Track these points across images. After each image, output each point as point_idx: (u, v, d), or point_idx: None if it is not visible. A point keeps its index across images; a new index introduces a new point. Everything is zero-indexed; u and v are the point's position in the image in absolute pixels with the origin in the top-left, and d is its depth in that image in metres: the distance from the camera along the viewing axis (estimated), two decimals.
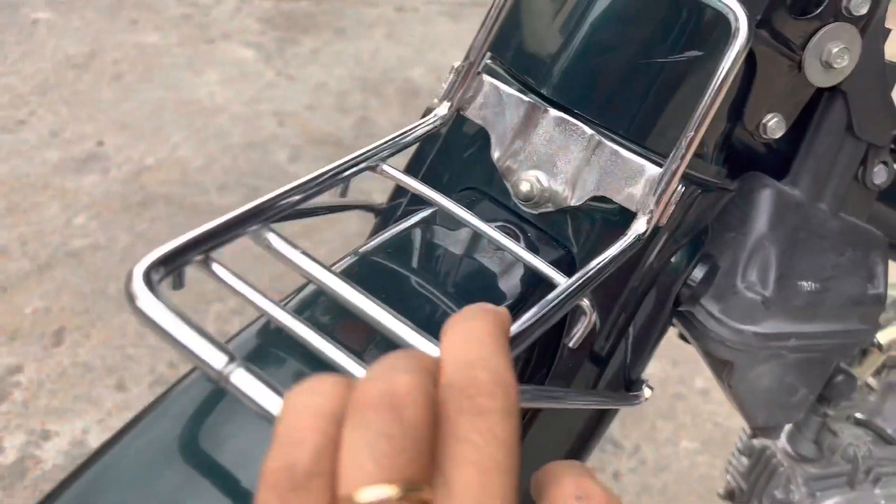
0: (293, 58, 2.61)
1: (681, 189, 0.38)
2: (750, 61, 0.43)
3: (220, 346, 0.23)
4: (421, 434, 0.19)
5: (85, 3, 2.81)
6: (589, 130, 0.40)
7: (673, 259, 0.45)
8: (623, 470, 1.30)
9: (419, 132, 0.40)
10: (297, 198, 0.31)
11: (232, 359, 0.23)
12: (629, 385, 0.49)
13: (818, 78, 0.44)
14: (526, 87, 0.42)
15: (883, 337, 0.61)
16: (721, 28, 0.37)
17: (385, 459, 0.19)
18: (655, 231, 0.41)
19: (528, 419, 0.48)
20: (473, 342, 0.23)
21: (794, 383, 0.53)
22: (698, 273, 0.46)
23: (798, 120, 0.49)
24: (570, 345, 0.35)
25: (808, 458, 0.66)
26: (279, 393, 0.23)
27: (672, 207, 0.38)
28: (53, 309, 1.50)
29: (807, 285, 0.50)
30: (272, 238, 0.30)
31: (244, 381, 0.23)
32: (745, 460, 0.74)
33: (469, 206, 0.43)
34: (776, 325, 0.49)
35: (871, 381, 0.67)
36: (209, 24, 2.82)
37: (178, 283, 0.28)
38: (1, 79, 2.26)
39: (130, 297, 0.24)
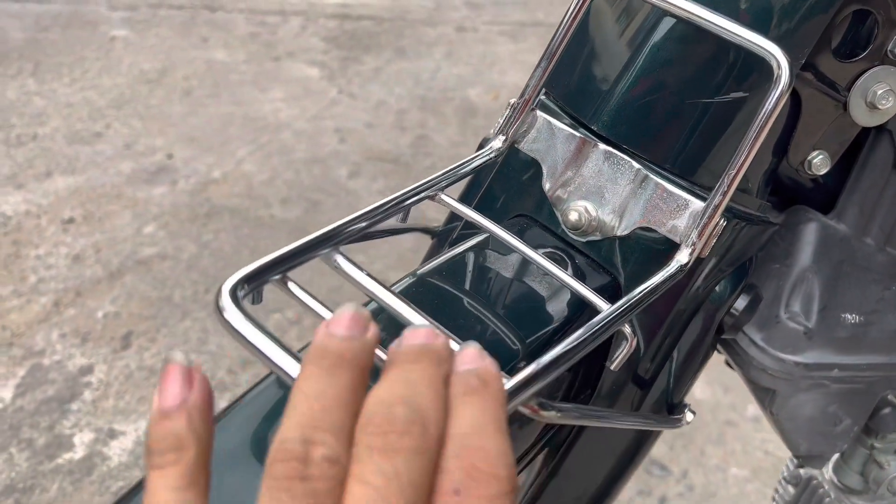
0: (355, 76, 2.69)
1: (723, 223, 0.40)
2: (795, 101, 0.45)
3: (294, 356, 0.27)
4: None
5: (160, 21, 2.94)
6: (636, 164, 0.42)
7: (717, 288, 0.47)
8: (670, 495, 1.29)
9: (475, 164, 0.43)
10: (363, 224, 0.34)
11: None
12: (671, 408, 0.51)
13: (863, 118, 0.45)
14: (577, 123, 0.45)
15: None
16: (765, 71, 0.39)
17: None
18: (699, 261, 0.43)
19: (572, 437, 0.50)
20: (400, 382, 0.25)
21: (838, 413, 0.54)
22: (741, 303, 0.47)
23: (844, 156, 0.51)
24: (612, 367, 0.37)
25: (854, 489, 0.67)
26: None
27: (714, 240, 0.40)
28: (123, 314, 1.57)
29: (851, 317, 0.51)
30: (340, 260, 0.33)
31: None
32: (791, 489, 0.74)
33: (520, 233, 0.46)
34: (818, 355, 0.51)
35: None
36: (276, 42, 2.92)
37: (258, 299, 0.31)
38: (81, 93, 2.38)
39: (219, 310, 0.28)
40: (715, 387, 1.49)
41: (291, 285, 0.31)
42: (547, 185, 0.45)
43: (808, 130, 0.46)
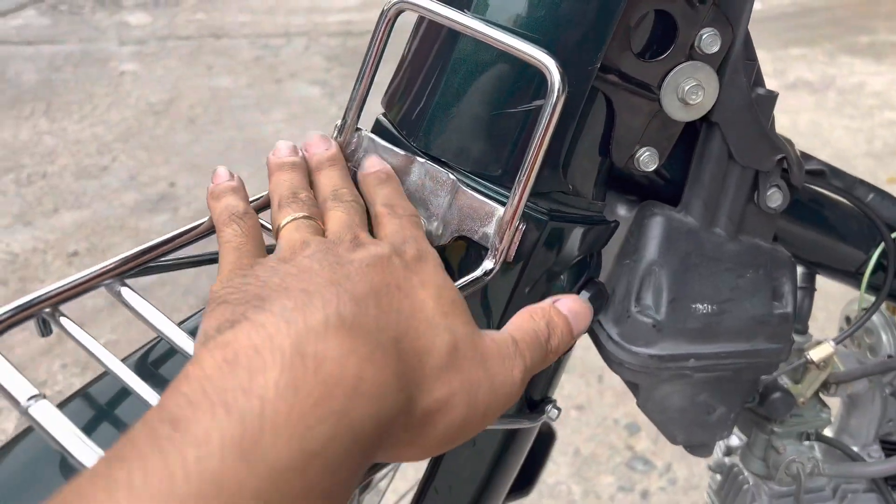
0: None
1: (522, 227, 0.42)
2: (608, 104, 0.46)
3: (30, 384, 0.29)
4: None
5: (167, 53, 3.03)
6: (450, 175, 0.44)
7: (554, 287, 0.48)
8: (652, 489, 1.29)
9: None
10: (151, 255, 0.37)
11: (38, 395, 0.29)
12: (532, 405, 0.52)
13: (678, 114, 0.47)
14: (404, 139, 0.47)
15: (815, 354, 0.61)
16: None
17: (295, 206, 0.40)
18: (523, 263, 0.45)
19: None
20: (332, 178, 0.44)
21: (709, 402, 0.55)
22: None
23: (685, 149, 0.52)
24: None
25: (760, 475, 0.67)
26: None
27: (515, 244, 0.42)
28: (121, 341, 1.63)
29: (702, 307, 0.52)
30: (126, 292, 0.36)
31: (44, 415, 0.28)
32: (718, 477, 0.75)
33: None
34: (671, 346, 0.52)
35: (824, 397, 0.67)
36: (278, 64, 2.99)
37: (46, 332, 0.34)
38: (90, 129, 2.47)
39: None
40: None
41: (64, 320, 0.34)
42: None
43: (627, 130, 0.47)
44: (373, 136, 0.47)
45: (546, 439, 0.70)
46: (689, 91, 0.46)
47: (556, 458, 1.33)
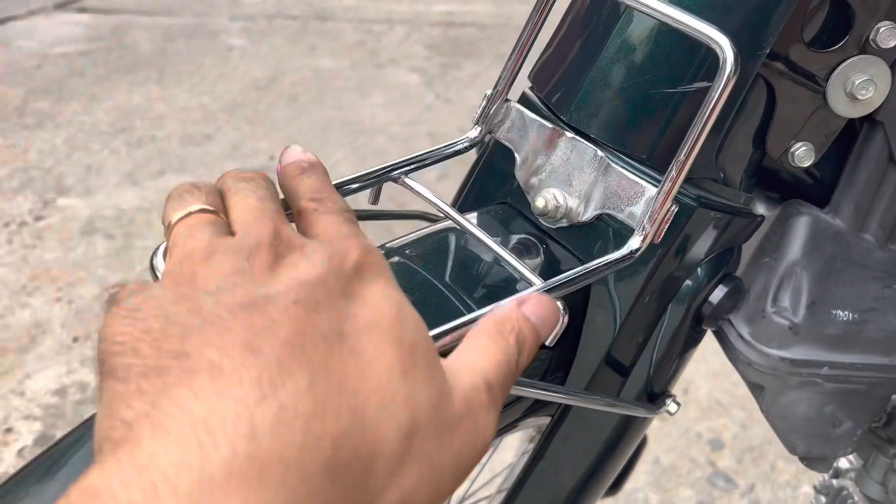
0: (453, 82, 2.74)
1: (674, 209, 0.41)
2: (770, 93, 0.45)
3: None
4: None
5: (274, 31, 3.11)
6: (600, 152, 0.44)
7: (691, 278, 0.47)
8: None
9: (447, 151, 0.46)
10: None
11: None
12: (652, 397, 0.51)
13: (843, 109, 0.45)
14: (552, 113, 0.47)
15: None
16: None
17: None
18: (668, 249, 0.44)
19: (555, 421, 0.51)
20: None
21: (836, 415, 0.53)
22: (719, 293, 0.47)
23: (840, 149, 0.50)
24: (547, 343, 0.38)
25: (876, 500, 0.64)
26: None
27: (665, 226, 0.41)
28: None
29: (843, 314, 0.50)
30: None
31: None
32: (822, 499, 0.72)
33: (498, 219, 0.48)
34: (806, 351, 0.50)
35: None
36: (380, 49, 3.02)
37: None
38: (197, 98, 2.56)
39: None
40: None
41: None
42: (520, 174, 0.47)
43: (787, 122, 0.45)
44: (521, 107, 0.47)
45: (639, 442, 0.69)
46: (860, 86, 0.44)
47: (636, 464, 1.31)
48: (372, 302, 0.26)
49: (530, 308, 0.32)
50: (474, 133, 0.47)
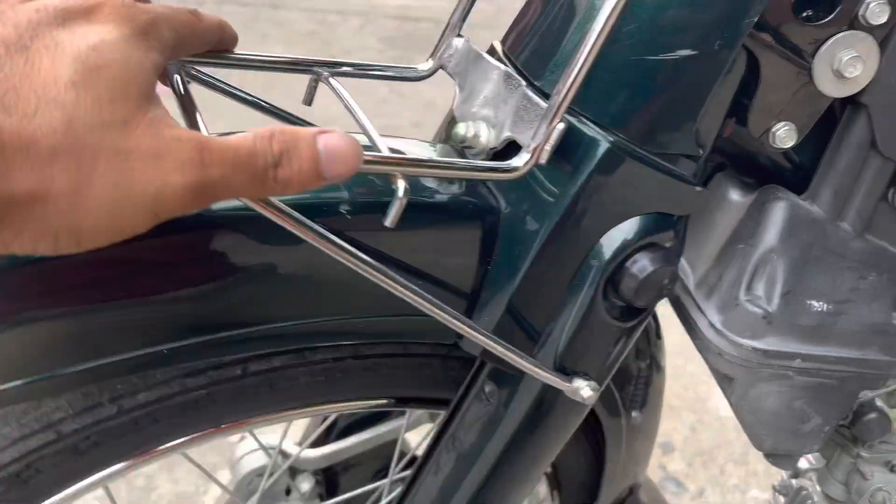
0: None
1: (561, 127, 0.38)
2: (753, 65, 0.42)
3: None
4: None
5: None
6: (522, 83, 0.41)
7: (606, 237, 0.42)
8: None
9: (390, 73, 0.46)
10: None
11: None
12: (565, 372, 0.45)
13: (829, 88, 0.43)
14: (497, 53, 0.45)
15: None
16: None
17: None
18: (575, 193, 0.40)
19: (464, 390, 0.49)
20: None
21: (805, 410, 0.51)
22: (642, 263, 0.42)
23: (821, 134, 0.48)
24: (386, 223, 0.34)
25: (837, 500, 0.62)
26: None
27: (549, 144, 0.38)
28: None
29: (818, 305, 0.48)
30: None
31: None
32: (781, 499, 0.70)
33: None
34: (779, 342, 0.48)
35: None
36: (333, 40, 2.97)
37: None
38: None
39: None
40: None
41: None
42: (455, 103, 0.45)
43: (769, 98, 0.43)
44: (470, 43, 0.45)
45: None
46: (847, 63, 0.42)
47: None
48: (80, 33, 0.29)
49: (324, 139, 0.31)
50: (425, 66, 0.46)
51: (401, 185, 0.34)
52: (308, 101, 0.42)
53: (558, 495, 0.71)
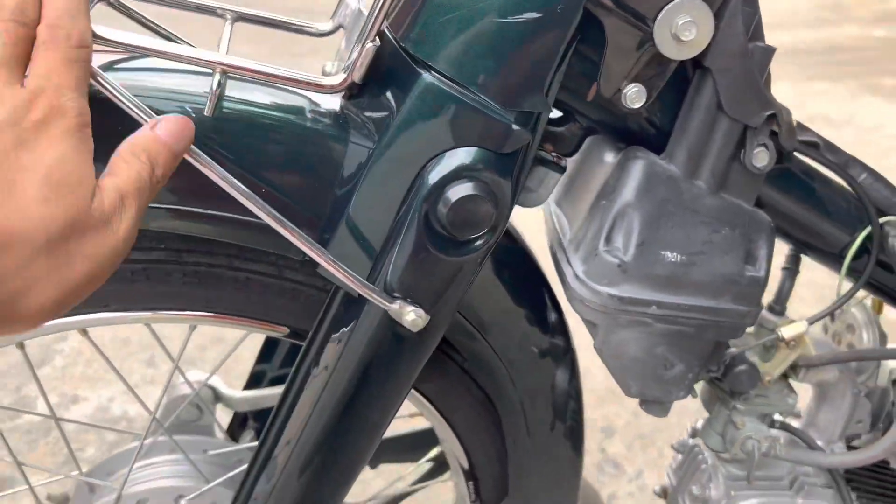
0: None
1: (371, 45, 0.44)
2: (601, 30, 0.46)
3: None
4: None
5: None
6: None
7: (429, 165, 0.44)
8: (621, 494, 1.28)
9: (294, 27, 0.57)
10: None
11: None
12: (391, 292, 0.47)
13: (670, 50, 0.46)
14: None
15: (787, 332, 0.60)
16: None
17: None
18: (398, 122, 0.43)
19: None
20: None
21: (667, 356, 0.55)
22: (455, 190, 0.43)
23: (680, 98, 0.51)
24: (206, 113, 0.42)
25: (716, 450, 0.66)
26: None
27: (361, 62, 0.44)
28: None
29: (671, 256, 0.51)
30: None
31: None
32: (679, 458, 0.74)
33: None
34: (634, 289, 0.51)
35: (793, 382, 0.66)
36: (301, 38, 2.99)
37: None
38: None
39: None
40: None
41: None
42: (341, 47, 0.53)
43: (617, 61, 0.47)
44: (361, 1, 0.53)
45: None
46: (683, 27, 0.45)
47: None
48: (40, 149, 0.33)
49: (162, 127, 0.38)
50: (326, 26, 0.57)
51: (215, 79, 0.41)
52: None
53: (474, 487, 0.69)
